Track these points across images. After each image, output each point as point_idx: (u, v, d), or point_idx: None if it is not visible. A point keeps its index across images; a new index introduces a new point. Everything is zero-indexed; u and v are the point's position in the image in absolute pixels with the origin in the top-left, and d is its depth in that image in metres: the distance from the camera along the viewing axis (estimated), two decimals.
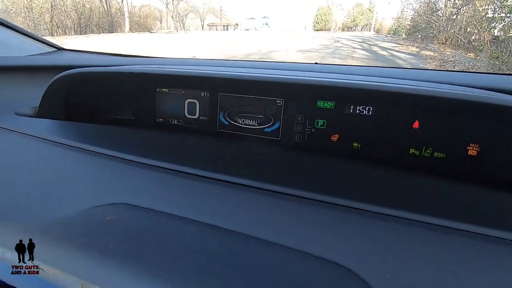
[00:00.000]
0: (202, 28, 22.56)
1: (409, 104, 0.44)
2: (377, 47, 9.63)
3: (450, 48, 7.80)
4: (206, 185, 0.39)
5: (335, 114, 0.49)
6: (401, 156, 0.46)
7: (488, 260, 0.28)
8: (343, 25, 22.82)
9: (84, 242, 0.24)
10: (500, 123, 0.41)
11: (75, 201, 0.37)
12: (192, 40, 9.57)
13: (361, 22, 20.79)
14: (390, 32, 14.58)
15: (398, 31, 13.35)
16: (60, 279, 0.18)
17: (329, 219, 0.32)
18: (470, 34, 7.38)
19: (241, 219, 0.33)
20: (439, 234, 0.30)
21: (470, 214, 0.33)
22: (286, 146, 0.52)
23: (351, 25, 21.83)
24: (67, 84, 0.61)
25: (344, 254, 0.28)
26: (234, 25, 23.42)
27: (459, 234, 0.30)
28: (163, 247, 0.26)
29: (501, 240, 0.30)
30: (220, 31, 22.90)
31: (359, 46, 9.73)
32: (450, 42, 8.03)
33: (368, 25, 19.54)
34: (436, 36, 8.52)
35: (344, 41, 11.13)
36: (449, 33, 8.05)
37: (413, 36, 9.77)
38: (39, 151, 0.50)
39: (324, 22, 24.28)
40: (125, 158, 0.45)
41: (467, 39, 7.39)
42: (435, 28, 8.53)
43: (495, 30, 6.52)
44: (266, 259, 0.26)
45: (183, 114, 0.59)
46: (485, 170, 0.43)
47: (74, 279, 0.17)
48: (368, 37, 12.61)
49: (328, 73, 0.55)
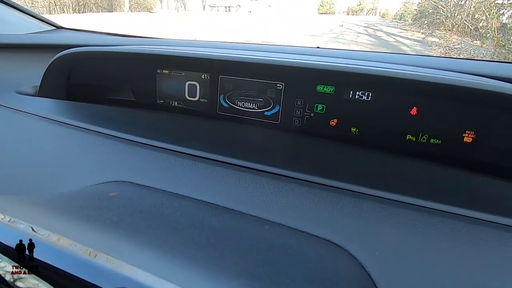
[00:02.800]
0: (203, 9, 21.96)
1: (408, 90, 0.44)
2: (382, 32, 9.42)
3: (456, 35, 7.64)
4: (205, 166, 0.40)
5: (335, 99, 0.49)
6: (397, 142, 0.47)
7: (475, 241, 0.29)
8: (348, 8, 22.21)
9: (88, 215, 0.25)
10: (496, 111, 0.41)
11: (75, 178, 0.38)
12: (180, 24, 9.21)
13: (366, 6, 20.21)
14: (396, 17, 14.20)
15: (404, 16, 13.02)
16: (69, 248, 0.19)
17: (324, 200, 0.33)
18: (477, 21, 7.20)
19: (239, 198, 0.34)
20: (429, 216, 0.31)
21: (462, 199, 0.34)
22: (285, 129, 0.53)
23: (357, 9, 21.25)
24: (68, 64, 0.60)
25: (337, 232, 0.29)
26: (236, 7, 22.79)
27: (451, 217, 0.31)
28: (163, 221, 0.27)
29: (490, 223, 0.31)
30: (222, 12, 22.34)
31: (364, 31, 9.52)
32: (457, 29, 7.86)
33: (374, 9, 19.03)
34: (443, 22, 8.32)
35: (348, 25, 10.87)
36: (456, 19, 7.85)
37: (419, 21, 9.54)
38: (40, 130, 0.51)
39: (329, 5, 23.62)
40: (125, 138, 0.46)
41: (474, 26, 7.22)
42: (442, 13, 8.32)
43: (503, 17, 6.36)
44: (260, 234, 0.28)
45: (183, 96, 0.59)
46: (480, 157, 0.44)
47: (81, 247, 0.19)
48: (374, 22, 12.30)
49: (329, 57, 0.55)
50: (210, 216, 0.30)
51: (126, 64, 0.63)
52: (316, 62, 0.46)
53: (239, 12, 22.11)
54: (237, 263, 0.21)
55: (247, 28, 9.43)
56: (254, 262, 0.21)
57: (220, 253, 0.22)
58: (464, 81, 0.38)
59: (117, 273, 0.17)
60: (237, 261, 0.21)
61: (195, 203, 0.33)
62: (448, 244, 0.28)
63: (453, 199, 0.33)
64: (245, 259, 0.21)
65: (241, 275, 0.19)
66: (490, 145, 0.43)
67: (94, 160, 0.43)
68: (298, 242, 0.27)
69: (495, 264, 0.27)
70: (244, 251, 0.23)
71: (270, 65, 0.48)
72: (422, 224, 0.30)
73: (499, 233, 0.29)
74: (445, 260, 0.27)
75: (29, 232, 0.20)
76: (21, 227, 0.20)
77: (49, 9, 10.82)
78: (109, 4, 14.37)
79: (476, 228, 0.30)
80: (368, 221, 0.31)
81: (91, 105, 0.60)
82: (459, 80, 0.39)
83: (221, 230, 0.27)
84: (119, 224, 0.24)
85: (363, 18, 16.09)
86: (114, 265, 0.17)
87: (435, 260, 0.27)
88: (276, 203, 0.33)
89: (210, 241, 0.24)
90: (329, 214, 0.32)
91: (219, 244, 0.23)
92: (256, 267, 0.21)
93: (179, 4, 19.59)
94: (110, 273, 0.17)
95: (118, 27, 7.81)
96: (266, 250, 0.25)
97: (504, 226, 0.30)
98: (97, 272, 0.17)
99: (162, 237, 0.23)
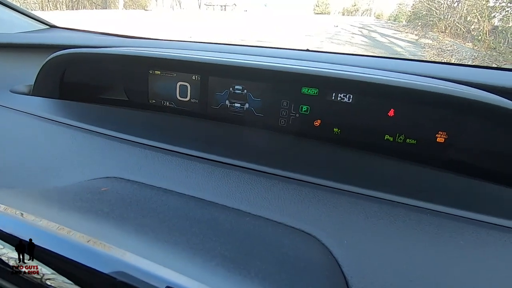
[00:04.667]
0: (199, 8, 21.90)
1: (385, 94, 0.47)
2: (377, 33, 9.52)
3: (449, 37, 7.76)
4: (193, 163, 0.42)
5: (319, 101, 0.52)
6: (376, 142, 0.50)
7: (436, 231, 0.32)
8: (343, 9, 22.37)
9: (81, 206, 0.28)
10: (465, 114, 0.44)
11: (68, 175, 0.40)
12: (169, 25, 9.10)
13: (361, 7, 20.43)
14: (390, 18, 14.37)
15: (398, 18, 13.17)
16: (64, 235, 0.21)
17: (302, 195, 0.36)
18: (470, 23, 7.34)
19: (223, 193, 0.37)
20: (397, 209, 0.34)
21: (430, 194, 0.37)
22: (272, 129, 0.55)
23: (352, 9, 21.43)
24: (62, 64, 0.62)
25: (311, 223, 0.32)
26: (232, 5, 22.78)
27: (417, 210, 0.34)
28: (150, 213, 0.29)
29: (451, 216, 0.34)
30: (218, 11, 22.32)
31: (358, 32, 9.60)
32: (450, 31, 7.99)
33: (369, 10, 19.22)
34: (436, 24, 8.45)
35: (343, 25, 10.97)
36: (449, 21, 7.98)
37: (413, 23, 9.68)
38: (34, 128, 0.52)
39: (324, 5, 23.77)
40: (117, 136, 0.48)
41: (466, 28, 7.35)
42: (436, 15, 8.45)
43: (495, 20, 6.49)
44: (240, 225, 0.30)
45: (175, 96, 0.61)
46: (451, 155, 0.47)
47: (76, 234, 0.21)
48: (368, 23, 12.42)
49: (314, 62, 0.58)
50: (195, 208, 0.32)
51: (120, 65, 0.65)
52: (300, 67, 0.48)
53: (234, 11, 22.07)
54: (215, 248, 0.23)
55: (242, 27, 9.44)
56: (231, 248, 0.24)
57: (200, 240, 0.24)
58: (435, 87, 0.41)
59: (108, 255, 0.19)
60: (214, 246, 0.23)
61: (182, 197, 0.35)
62: (411, 233, 0.31)
63: (422, 194, 0.36)
64: (222, 245, 0.24)
65: (216, 257, 0.22)
66: (461, 145, 0.46)
67: (86, 157, 0.45)
68: (274, 232, 0.30)
69: (451, 252, 0.30)
70: (223, 238, 0.26)
71: (258, 68, 0.50)
72: (390, 216, 0.33)
73: (458, 225, 0.32)
74: (407, 247, 0.30)
75: (27, 220, 0.22)
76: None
77: (42, 5, 10.68)
78: (103, 1, 14.23)
79: (438, 220, 0.33)
80: (341, 214, 0.33)
81: (84, 104, 0.61)
82: (430, 86, 0.42)
83: (204, 221, 0.29)
84: (109, 214, 0.26)
85: (358, 19, 16.22)
86: (105, 249, 0.20)
87: (397, 247, 0.30)
88: (257, 197, 0.36)
89: (193, 230, 0.26)
90: (305, 208, 0.34)
91: (200, 233, 0.26)
92: (231, 251, 0.23)
93: (174, 2, 19.47)
94: (101, 255, 0.19)
95: (112, 25, 7.75)
96: (244, 238, 0.27)
97: (464, 218, 0.33)
98: (89, 255, 0.19)
99: (148, 226, 0.25)
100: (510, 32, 5.65)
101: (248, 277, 0.20)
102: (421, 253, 0.30)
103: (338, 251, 0.29)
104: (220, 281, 0.19)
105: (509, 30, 5.75)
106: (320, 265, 0.26)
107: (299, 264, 0.25)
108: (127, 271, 0.19)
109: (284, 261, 0.25)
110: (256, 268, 0.21)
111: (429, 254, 0.30)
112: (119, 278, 0.18)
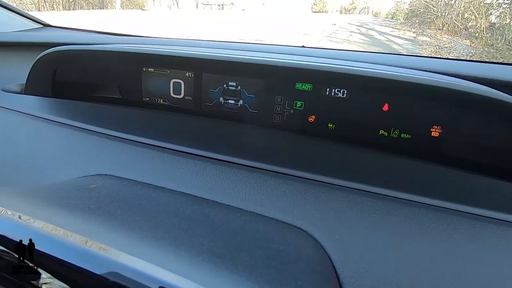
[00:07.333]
0: (196, 7, 21.84)
1: (379, 88, 0.46)
2: (375, 31, 9.51)
3: (446, 34, 7.76)
4: (185, 160, 0.42)
5: (313, 96, 0.51)
6: (371, 137, 0.50)
7: (429, 224, 0.32)
8: (341, 7, 22.36)
9: (68, 203, 0.27)
10: (459, 107, 0.44)
11: (60, 173, 0.40)
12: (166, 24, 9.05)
13: (359, 5, 20.40)
14: (388, 16, 14.37)
15: (396, 15, 13.18)
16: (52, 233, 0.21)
17: (295, 190, 0.36)
18: (467, 20, 7.34)
19: (215, 189, 0.36)
20: (391, 203, 0.34)
21: (424, 188, 0.37)
22: (266, 125, 0.55)
23: (349, 7, 21.42)
24: (54, 62, 0.61)
25: (303, 218, 0.31)
26: (229, 5, 22.72)
27: (410, 204, 0.34)
28: (139, 209, 0.29)
29: (444, 209, 0.34)
30: (216, 10, 22.26)
31: (356, 30, 9.60)
32: (447, 28, 7.99)
33: (367, 8, 19.23)
34: (434, 21, 8.45)
35: (341, 24, 10.96)
36: (447, 18, 7.99)
37: (410, 20, 9.67)
38: (26, 127, 0.52)
39: (322, 3, 23.76)
40: (110, 134, 0.48)
41: (464, 25, 7.35)
42: (433, 13, 8.45)
43: (492, 17, 6.49)
44: (231, 220, 0.30)
45: (168, 93, 0.61)
46: (445, 150, 0.46)
47: (60, 231, 0.20)
48: (366, 21, 12.42)
49: (309, 57, 0.57)
50: (186, 205, 0.32)
51: (112, 62, 0.64)
52: (293, 61, 0.48)
53: (232, 10, 22.03)
54: (203, 244, 0.22)
55: (240, 26, 9.42)
56: (220, 243, 0.23)
57: (189, 236, 0.24)
58: (429, 79, 0.41)
59: (90, 252, 0.19)
60: (203, 242, 0.23)
61: (173, 194, 0.35)
62: (404, 227, 0.31)
63: (416, 188, 0.36)
64: (211, 240, 0.23)
65: (203, 252, 0.21)
66: (455, 140, 0.45)
67: (80, 156, 0.44)
68: (265, 227, 0.29)
69: (445, 246, 0.30)
70: (212, 234, 0.25)
71: (250, 64, 0.50)
72: (383, 211, 0.32)
73: (452, 219, 0.32)
74: (400, 242, 0.30)
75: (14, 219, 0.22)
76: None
77: (38, 6, 10.62)
78: (100, 1, 14.16)
79: (432, 214, 0.32)
80: (333, 209, 0.33)
81: (77, 103, 0.61)
82: (424, 79, 0.41)
83: (194, 217, 0.29)
84: (95, 211, 0.26)
85: (355, 17, 16.21)
86: (89, 246, 0.19)
87: (390, 242, 0.30)
88: (250, 193, 0.35)
89: (181, 226, 0.26)
90: (298, 203, 0.34)
91: (189, 229, 0.25)
92: (220, 247, 0.23)
93: (172, 1, 19.42)
94: (84, 252, 0.19)
95: (109, 25, 7.71)
96: (234, 234, 0.27)
97: (458, 212, 0.33)
98: (73, 252, 0.19)
99: (135, 222, 0.25)
100: (507, 29, 5.66)
101: (235, 271, 0.20)
102: (414, 248, 0.30)
103: (329, 246, 0.29)
104: (206, 276, 0.19)
105: (506, 27, 5.75)
106: (310, 259, 0.26)
107: (289, 258, 0.24)
108: (113, 269, 0.18)
109: (274, 255, 0.24)
110: (244, 263, 0.21)
111: (422, 248, 0.30)
112: (108, 277, 0.18)
